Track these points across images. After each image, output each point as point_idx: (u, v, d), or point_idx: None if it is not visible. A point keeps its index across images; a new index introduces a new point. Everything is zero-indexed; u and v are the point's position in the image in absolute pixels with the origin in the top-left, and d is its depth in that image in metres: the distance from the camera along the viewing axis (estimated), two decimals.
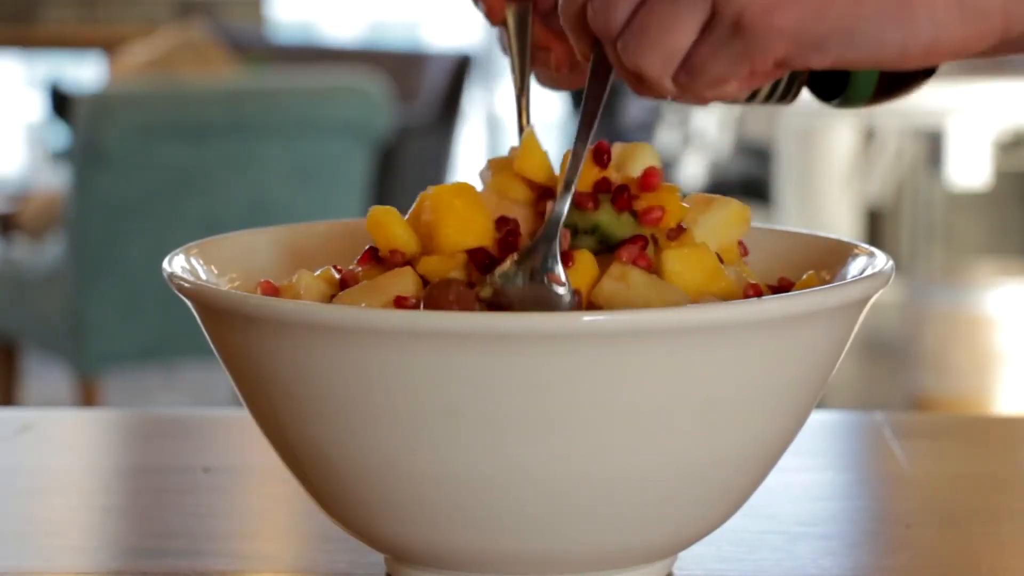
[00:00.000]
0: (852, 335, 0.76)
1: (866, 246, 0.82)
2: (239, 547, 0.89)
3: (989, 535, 0.89)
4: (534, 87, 0.88)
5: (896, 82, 0.86)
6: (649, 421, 0.70)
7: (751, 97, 0.87)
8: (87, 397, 3.38)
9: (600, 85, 0.76)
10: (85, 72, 5.97)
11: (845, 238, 0.83)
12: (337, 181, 3.43)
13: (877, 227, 4.90)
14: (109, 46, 5.33)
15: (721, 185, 4.67)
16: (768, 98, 0.88)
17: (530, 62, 0.88)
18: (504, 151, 0.83)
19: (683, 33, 0.71)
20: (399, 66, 4.49)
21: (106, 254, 3.25)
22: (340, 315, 0.69)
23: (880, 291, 0.75)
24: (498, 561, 0.74)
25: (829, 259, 0.83)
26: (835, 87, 0.87)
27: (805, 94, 0.88)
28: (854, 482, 1.01)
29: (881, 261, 0.78)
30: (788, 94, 0.88)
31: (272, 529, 0.94)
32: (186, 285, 0.75)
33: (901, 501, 0.96)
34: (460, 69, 4.39)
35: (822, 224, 4.02)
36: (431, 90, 4.37)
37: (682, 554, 0.81)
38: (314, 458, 0.74)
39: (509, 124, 6.20)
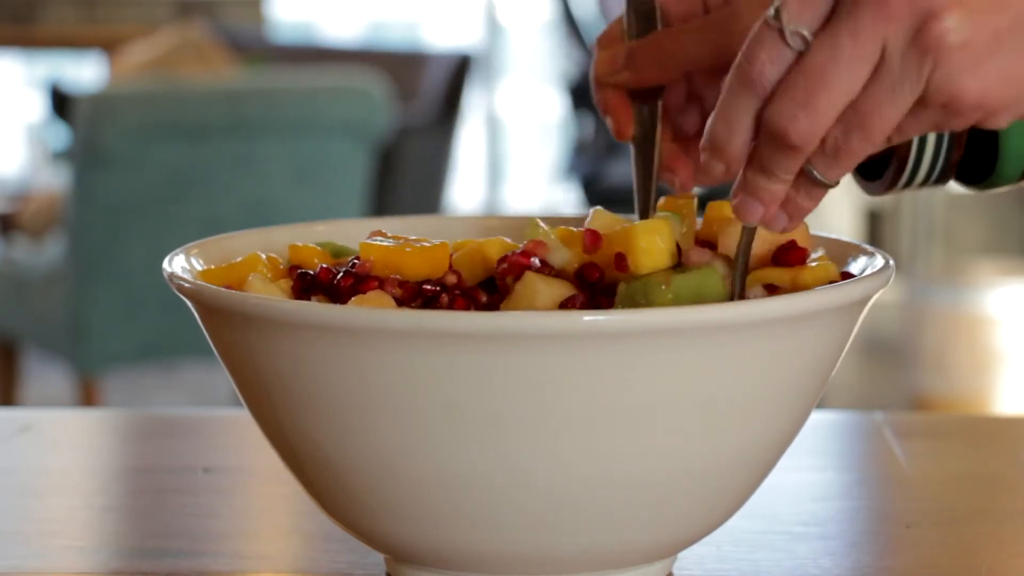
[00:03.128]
0: (852, 335, 0.76)
1: (866, 246, 0.82)
2: (239, 547, 0.89)
3: (989, 535, 0.89)
4: None
5: None
6: (649, 421, 0.70)
7: (906, 186, 0.88)
8: (87, 397, 3.38)
9: None
10: (85, 72, 5.97)
11: (845, 238, 0.83)
12: (337, 181, 3.43)
13: (877, 227, 4.90)
14: (109, 46, 5.33)
15: (721, 185, 4.66)
16: (922, 185, 0.88)
17: (656, 182, 0.88)
18: (503, 153, 0.82)
19: (848, 83, 0.69)
20: (399, 66, 4.49)
21: (106, 254, 3.25)
22: (340, 315, 0.69)
23: (880, 291, 0.75)
24: (498, 561, 0.74)
25: (829, 259, 0.82)
26: (980, 172, 0.88)
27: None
28: (854, 482, 1.01)
29: (881, 261, 0.79)
30: (941, 180, 0.88)
31: (272, 529, 0.94)
32: (186, 285, 0.75)
33: (901, 501, 0.97)
34: (460, 69, 4.39)
35: (822, 224, 4.02)
36: (431, 90, 4.37)
37: (682, 554, 0.81)
38: (314, 458, 0.74)
39: (509, 124, 6.21)
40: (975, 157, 0.89)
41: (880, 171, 0.92)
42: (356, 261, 0.78)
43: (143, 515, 0.94)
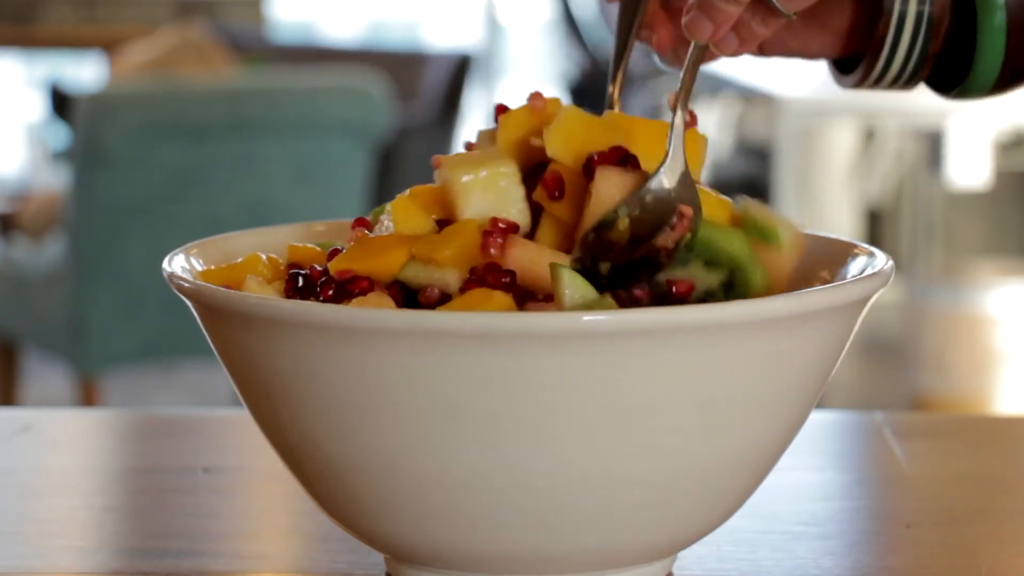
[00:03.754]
0: (852, 335, 0.76)
1: (866, 246, 0.82)
2: (239, 547, 0.89)
3: (989, 535, 0.89)
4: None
5: (1016, 74, 0.87)
6: (649, 421, 0.70)
7: (878, 80, 0.88)
8: (87, 397, 3.38)
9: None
10: (85, 72, 5.97)
11: (845, 238, 0.83)
12: (337, 181, 3.43)
13: (877, 227, 4.90)
14: (109, 46, 5.33)
15: (721, 185, 4.67)
16: (894, 82, 0.89)
17: (634, 38, 0.89)
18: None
19: None
20: (399, 66, 4.49)
21: (106, 254, 3.24)
22: (340, 315, 0.69)
23: (880, 291, 0.75)
24: (498, 561, 0.74)
25: (829, 259, 0.83)
26: (954, 78, 0.88)
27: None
28: (854, 482, 1.01)
29: (881, 261, 0.78)
30: (913, 79, 0.88)
31: (272, 529, 0.94)
32: (186, 285, 0.75)
33: (901, 501, 0.96)
34: (460, 69, 4.39)
35: (822, 224, 4.02)
36: (431, 90, 4.37)
37: (682, 554, 0.81)
38: (314, 458, 0.74)
39: None
40: (948, 67, 0.89)
41: (854, 65, 0.92)
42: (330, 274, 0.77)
43: (143, 515, 0.94)
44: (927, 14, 0.88)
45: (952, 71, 0.90)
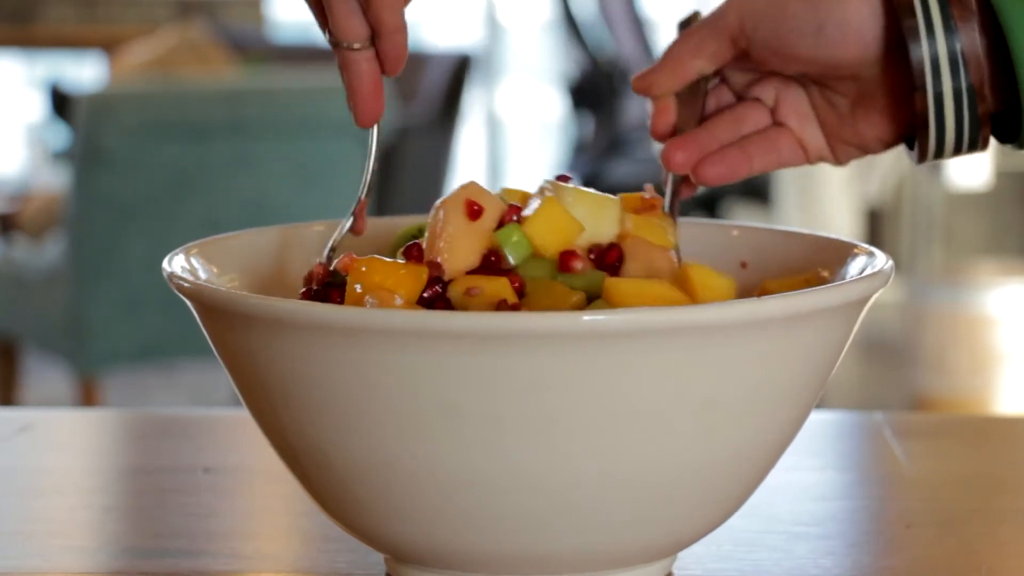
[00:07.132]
0: (852, 335, 0.76)
1: (866, 246, 0.82)
2: (239, 547, 0.89)
3: (989, 535, 0.89)
4: None
5: None
6: (649, 421, 0.70)
7: (939, 153, 0.86)
8: (87, 397, 3.38)
9: None
10: (85, 72, 5.97)
11: (845, 238, 0.83)
12: (337, 181, 3.43)
13: (877, 227, 4.90)
14: (109, 46, 5.33)
15: (721, 185, 4.66)
16: (956, 151, 0.86)
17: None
18: (503, 153, 0.83)
19: None
20: None
21: (106, 254, 3.24)
22: (340, 315, 0.69)
23: (880, 291, 0.75)
24: (498, 561, 0.74)
25: (829, 259, 0.83)
26: (1013, 130, 0.86)
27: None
28: (854, 482, 1.01)
29: (881, 261, 0.79)
30: (976, 144, 0.86)
31: (272, 529, 0.94)
32: (186, 285, 0.75)
33: (901, 501, 0.97)
34: (460, 69, 4.39)
35: (822, 224, 4.01)
36: (431, 90, 4.37)
37: (682, 554, 0.81)
38: (314, 458, 0.74)
39: (509, 124, 6.21)
40: (1008, 117, 0.86)
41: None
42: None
43: (143, 515, 0.94)
44: (965, 87, 0.84)
45: (1011, 123, 0.87)
